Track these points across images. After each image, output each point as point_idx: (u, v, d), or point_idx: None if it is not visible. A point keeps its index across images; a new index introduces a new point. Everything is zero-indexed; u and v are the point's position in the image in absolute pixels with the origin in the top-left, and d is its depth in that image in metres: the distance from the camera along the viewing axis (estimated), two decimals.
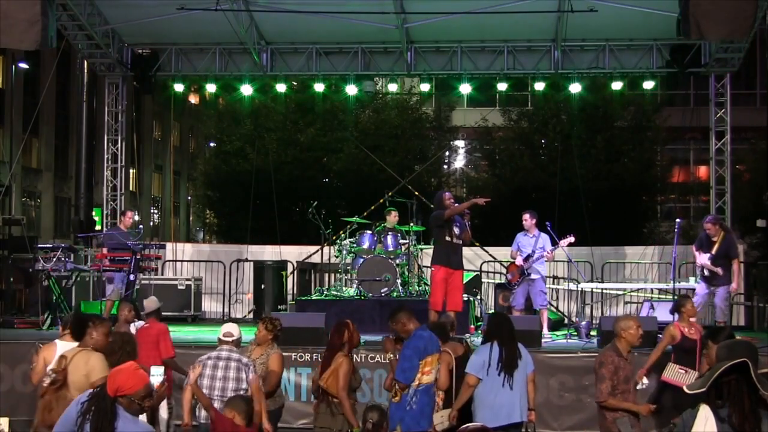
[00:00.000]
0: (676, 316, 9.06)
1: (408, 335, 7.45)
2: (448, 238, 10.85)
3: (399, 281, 13.50)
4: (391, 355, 7.50)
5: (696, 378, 7.60)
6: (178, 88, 16.95)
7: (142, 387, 4.66)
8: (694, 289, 12.56)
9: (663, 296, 14.69)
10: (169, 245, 17.13)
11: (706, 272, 11.76)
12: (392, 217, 14.03)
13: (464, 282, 14.79)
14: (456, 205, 10.91)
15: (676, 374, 7.80)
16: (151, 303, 9.15)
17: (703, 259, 11.74)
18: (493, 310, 13.93)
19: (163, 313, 9.28)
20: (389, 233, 13.83)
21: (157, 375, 5.52)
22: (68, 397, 5.82)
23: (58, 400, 5.91)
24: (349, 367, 7.33)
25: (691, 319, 11.80)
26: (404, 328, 7.45)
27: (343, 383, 7.23)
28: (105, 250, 13.27)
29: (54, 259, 12.92)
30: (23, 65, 30.67)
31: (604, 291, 15.35)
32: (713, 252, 11.66)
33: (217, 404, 6.83)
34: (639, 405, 7.38)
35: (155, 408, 5.51)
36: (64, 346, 8.16)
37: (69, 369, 6.05)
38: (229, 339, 7.48)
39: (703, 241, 11.89)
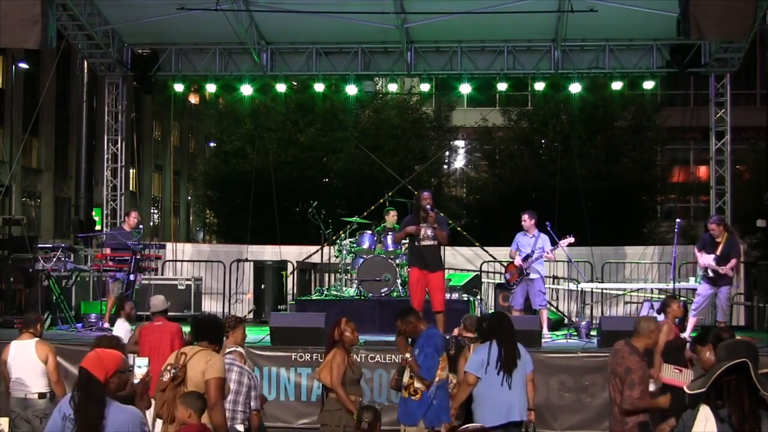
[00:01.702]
0: (662, 316, 9.04)
1: (418, 335, 7.56)
2: (416, 242, 10.98)
3: (399, 281, 13.50)
4: (408, 356, 7.54)
5: (691, 376, 7.61)
6: (178, 88, 16.95)
7: (122, 359, 4.78)
8: (694, 289, 12.58)
9: (663, 296, 14.67)
10: (169, 245, 17.14)
11: (710, 273, 11.75)
12: (390, 217, 14.06)
13: (464, 282, 14.98)
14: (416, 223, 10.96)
15: (672, 374, 7.79)
16: (159, 302, 9.17)
17: (707, 260, 11.73)
18: (493, 310, 13.94)
19: None
20: (389, 233, 13.84)
21: (142, 366, 5.57)
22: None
23: (175, 398, 5.96)
24: (342, 359, 7.30)
25: (692, 320, 11.89)
26: (415, 329, 7.62)
27: (336, 374, 7.22)
28: (108, 251, 13.26)
29: (54, 259, 12.92)
30: (23, 65, 30.65)
31: (604, 291, 15.36)
32: (717, 253, 11.65)
33: None
34: (658, 400, 7.21)
35: (141, 398, 5.52)
36: (17, 344, 8.28)
37: (188, 365, 6.09)
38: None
39: (706, 241, 11.89)
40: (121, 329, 9.73)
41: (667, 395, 7.16)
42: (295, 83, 20.80)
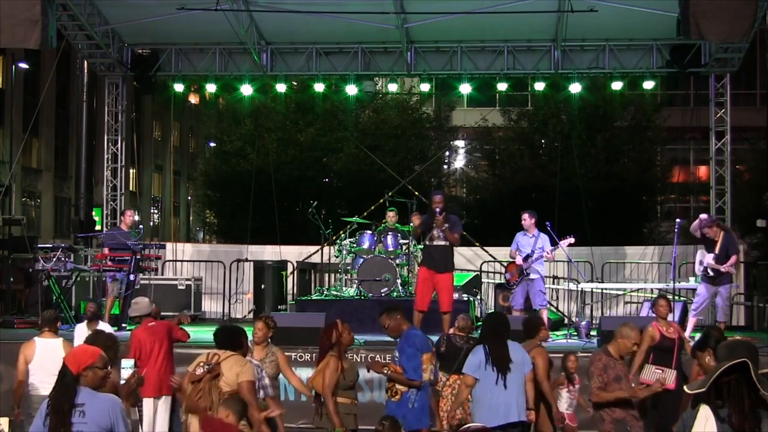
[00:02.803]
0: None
1: (399, 335, 7.56)
2: (427, 242, 11.21)
3: (399, 281, 13.50)
4: (387, 370, 7.52)
5: (673, 377, 7.64)
6: (178, 88, 16.96)
7: (99, 356, 5.00)
8: (694, 289, 12.57)
9: None
10: (169, 245, 17.15)
11: (710, 272, 11.75)
12: (388, 217, 14.07)
13: (464, 282, 14.97)
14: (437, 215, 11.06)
15: (652, 374, 7.82)
16: (144, 305, 8.99)
17: (708, 259, 11.73)
18: (492, 310, 13.94)
19: (162, 314, 9.25)
20: (389, 233, 13.84)
21: (127, 367, 5.68)
22: (220, 388, 6.31)
23: (211, 389, 6.33)
24: (335, 366, 7.25)
25: (692, 320, 11.88)
26: (399, 327, 7.58)
27: (328, 382, 7.19)
28: (107, 250, 13.27)
29: (54, 259, 12.94)
30: (23, 65, 30.65)
31: (604, 291, 15.36)
32: (716, 252, 11.65)
33: None
34: (630, 390, 7.20)
35: (127, 399, 5.57)
36: (43, 343, 8.26)
37: (223, 365, 6.39)
38: None
39: (703, 241, 11.89)
40: (81, 332, 9.20)
41: (636, 388, 7.16)
42: (295, 83, 20.81)
